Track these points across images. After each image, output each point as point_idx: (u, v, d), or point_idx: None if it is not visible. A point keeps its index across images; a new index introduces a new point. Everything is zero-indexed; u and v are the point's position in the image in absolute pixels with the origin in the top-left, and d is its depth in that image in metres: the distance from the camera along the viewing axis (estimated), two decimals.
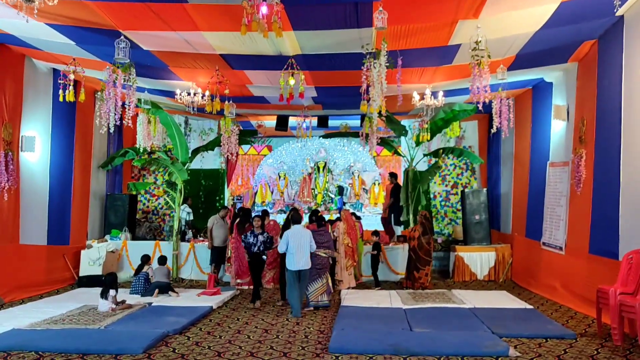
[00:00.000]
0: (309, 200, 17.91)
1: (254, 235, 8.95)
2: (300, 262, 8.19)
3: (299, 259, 8.17)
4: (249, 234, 9.03)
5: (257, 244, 8.88)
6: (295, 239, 8.22)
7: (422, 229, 10.26)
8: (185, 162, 12.20)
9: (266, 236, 9.02)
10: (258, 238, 8.93)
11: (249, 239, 8.94)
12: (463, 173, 14.76)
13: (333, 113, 13.22)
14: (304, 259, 8.23)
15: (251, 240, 8.91)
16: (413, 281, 10.31)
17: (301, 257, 8.19)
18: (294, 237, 8.27)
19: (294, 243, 8.20)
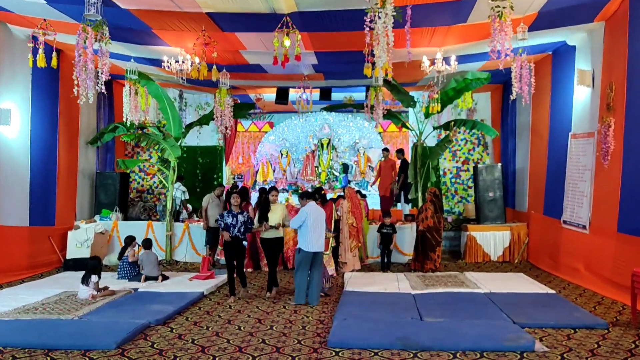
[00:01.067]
0: (313, 178, 17.11)
1: (233, 215, 7.71)
2: (318, 243, 7.34)
3: (316, 239, 7.30)
4: (225, 214, 7.75)
5: (236, 225, 7.63)
6: (313, 217, 7.33)
7: (433, 207, 9.47)
8: (178, 137, 11.42)
9: (246, 216, 7.78)
10: (237, 218, 7.69)
11: (226, 219, 7.65)
12: (475, 148, 13.92)
13: (336, 84, 12.36)
14: (320, 240, 7.41)
15: (229, 220, 7.64)
16: (422, 263, 9.55)
17: (319, 238, 7.35)
18: (312, 214, 7.33)
19: (312, 221, 7.27)
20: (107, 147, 12.82)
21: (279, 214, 7.77)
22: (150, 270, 8.77)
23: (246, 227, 7.73)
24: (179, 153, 11.26)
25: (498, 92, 13.37)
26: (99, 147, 12.36)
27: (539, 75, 10.73)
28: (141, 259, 8.91)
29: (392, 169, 12.86)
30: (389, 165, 12.93)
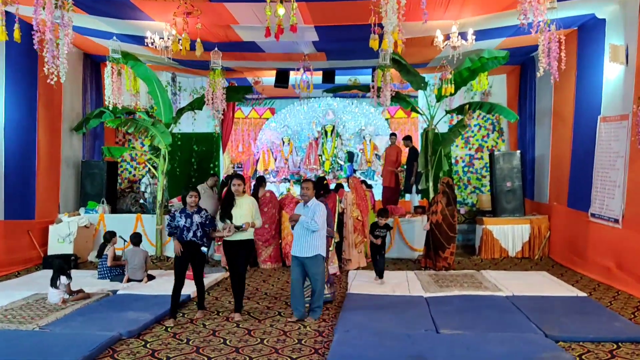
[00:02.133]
0: (316, 167, 16.23)
1: (187, 215, 5.94)
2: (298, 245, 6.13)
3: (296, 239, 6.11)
4: (178, 214, 5.99)
5: (191, 228, 5.91)
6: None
7: (446, 199, 8.57)
8: (169, 123, 10.55)
9: (205, 216, 6.03)
10: (193, 219, 5.92)
11: (178, 221, 5.93)
12: (489, 135, 12.97)
13: (340, 65, 11.42)
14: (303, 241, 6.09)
15: (181, 222, 5.90)
16: (434, 260, 8.67)
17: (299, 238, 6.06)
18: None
19: None
20: (95, 134, 11.96)
21: (245, 209, 6.05)
22: (134, 272, 7.88)
23: (204, 230, 5.99)
24: (170, 140, 10.39)
25: (515, 74, 12.39)
26: (85, 134, 11.49)
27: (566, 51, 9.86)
28: (126, 257, 8.07)
29: (397, 155, 11.96)
30: (394, 152, 12.04)
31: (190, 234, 5.93)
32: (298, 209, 6.14)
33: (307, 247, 5.89)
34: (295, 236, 6.02)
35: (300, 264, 5.95)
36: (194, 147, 13.30)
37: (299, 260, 5.95)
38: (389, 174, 11.93)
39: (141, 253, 8.10)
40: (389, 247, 10.06)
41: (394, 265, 9.62)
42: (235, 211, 6.03)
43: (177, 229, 5.95)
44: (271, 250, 9.39)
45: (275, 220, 9.47)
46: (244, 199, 6.16)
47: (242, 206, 6.09)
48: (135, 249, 8.08)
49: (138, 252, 8.07)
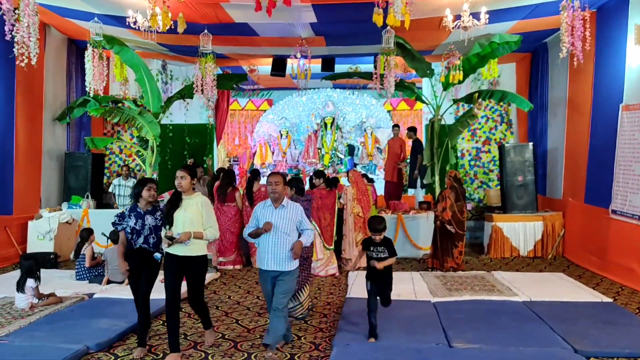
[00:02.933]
0: (315, 161, 15.59)
1: (138, 216, 4.62)
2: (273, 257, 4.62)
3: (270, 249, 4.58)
4: (127, 212, 4.69)
5: (142, 232, 4.61)
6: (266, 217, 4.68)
7: (454, 194, 7.91)
8: (157, 113, 9.89)
9: (159, 218, 4.67)
10: (145, 220, 4.62)
11: (128, 222, 4.63)
12: (497, 126, 12.30)
13: (340, 52, 10.73)
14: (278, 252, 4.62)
15: (132, 223, 4.60)
16: (441, 261, 8.01)
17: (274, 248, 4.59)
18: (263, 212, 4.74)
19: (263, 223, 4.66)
20: (81, 125, 11.28)
21: (192, 213, 4.45)
22: (114, 274, 7.19)
23: (158, 236, 4.62)
24: (159, 131, 9.75)
25: (525, 62, 11.70)
26: (70, 125, 10.83)
27: None
28: (106, 256, 7.42)
29: (401, 148, 11.30)
30: (398, 145, 11.38)
31: (140, 239, 4.59)
32: (263, 210, 4.65)
33: (285, 259, 4.51)
34: (267, 246, 4.53)
35: (272, 279, 4.58)
36: (187, 139, 12.64)
37: (270, 275, 4.58)
38: (392, 168, 11.27)
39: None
40: None
41: (397, 265, 8.96)
42: (178, 214, 4.44)
43: (127, 232, 4.64)
44: None
45: None
46: (192, 198, 4.51)
47: (189, 208, 4.46)
48: (117, 248, 7.43)
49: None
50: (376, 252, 4.95)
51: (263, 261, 4.61)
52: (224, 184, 8.73)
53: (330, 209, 8.14)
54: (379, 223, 4.92)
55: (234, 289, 7.14)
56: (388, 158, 11.46)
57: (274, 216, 4.56)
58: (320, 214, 8.08)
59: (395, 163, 11.26)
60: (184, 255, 4.42)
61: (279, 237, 4.53)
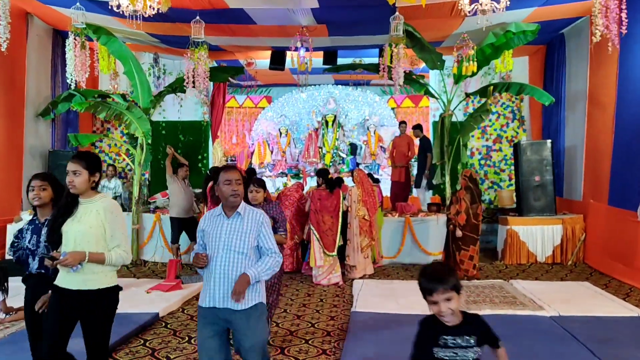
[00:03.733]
0: (316, 160, 14.89)
1: (35, 229, 3.41)
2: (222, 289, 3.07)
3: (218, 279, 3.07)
4: (26, 226, 3.48)
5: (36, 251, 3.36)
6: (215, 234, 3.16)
7: (469, 195, 7.23)
8: (147, 108, 9.22)
9: None
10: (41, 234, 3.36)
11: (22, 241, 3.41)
12: (508, 124, 11.63)
13: (343, 43, 10.05)
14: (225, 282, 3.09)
15: (26, 241, 3.39)
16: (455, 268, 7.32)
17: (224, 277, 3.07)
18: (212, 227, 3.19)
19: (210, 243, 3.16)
20: (67, 121, 10.63)
21: (89, 224, 3.04)
22: None
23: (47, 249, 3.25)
24: (148, 127, 9.06)
25: (539, 55, 11.04)
26: (55, 121, 10.17)
27: None
28: None
29: (409, 147, 10.63)
30: (405, 142, 10.70)
31: (35, 262, 3.34)
32: (211, 222, 3.18)
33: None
34: (212, 272, 3.06)
35: (219, 322, 3.06)
36: (180, 137, 11.95)
37: (218, 316, 3.05)
38: (400, 168, 10.58)
39: None
40: (399, 251, 8.80)
41: (405, 272, 8.31)
42: (70, 227, 3.05)
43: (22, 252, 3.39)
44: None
45: None
46: (92, 202, 3.11)
47: (84, 217, 3.05)
48: None
49: None
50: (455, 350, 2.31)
51: (206, 294, 3.08)
52: None
53: (332, 212, 7.48)
54: (443, 274, 2.35)
55: None
56: (395, 157, 10.76)
57: (225, 230, 3.09)
58: (319, 216, 7.42)
59: (404, 164, 10.59)
60: (75, 289, 2.98)
61: (231, 258, 3.04)
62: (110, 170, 9.55)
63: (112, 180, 9.48)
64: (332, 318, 5.63)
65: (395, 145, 10.83)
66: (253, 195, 3.89)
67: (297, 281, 7.63)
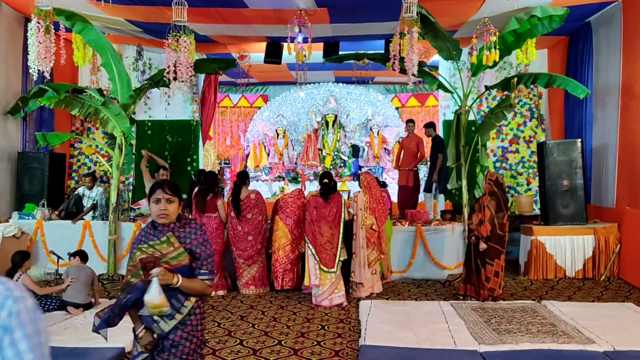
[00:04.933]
0: (315, 163, 13.90)
1: None
2: None
3: None
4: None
5: None
6: None
7: (495, 202, 6.22)
8: (126, 104, 8.21)
9: None
10: None
11: None
12: (526, 122, 10.65)
13: (346, 33, 9.07)
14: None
15: None
16: (477, 286, 6.32)
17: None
18: None
19: None
20: (41, 120, 9.62)
21: None
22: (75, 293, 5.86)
23: None
24: (128, 125, 8.07)
25: (560, 48, 10.08)
26: (26, 120, 9.17)
27: (634, 13, 7.58)
28: (67, 274, 5.93)
29: (418, 147, 9.66)
30: (414, 143, 9.71)
31: None
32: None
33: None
34: None
35: None
36: (168, 137, 10.95)
37: None
38: (408, 171, 9.58)
39: (86, 270, 6.09)
40: (409, 265, 7.81)
41: (417, 289, 7.32)
42: None
43: None
44: (256, 270, 7.07)
45: (262, 230, 7.14)
46: None
47: None
48: (80, 267, 6.11)
49: (82, 269, 6.06)
50: None
51: None
52: (204, 189, 7.05)
53: (331, 221, 6.48)
54: None
55: (219, 319, 5.45)
56: (403, 160, 9.76)
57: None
58: (315, 227, 6.43)
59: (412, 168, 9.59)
60: None
61: None
62: (88, 181, 8.43)
63: (94, 190, 8.41)
64: (337, 354, 4.61)
65: (402, 146, 9.83)
66: (159, 208, 2.65)
67: (294, 301, 6.61)
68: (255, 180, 13.57)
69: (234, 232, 7.05)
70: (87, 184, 8.21)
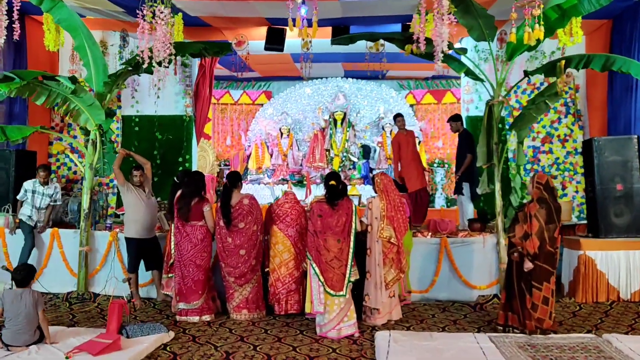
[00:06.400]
0: (322, 165, 12.75)
1: None
2: None
3: None
4: None
5: None
6: None
7: (545, 211, 5.00)
8: (102, 93, 7.07)
9: None
10: None
11: None
12: (561, 119, 9.42)
13: (358, 13, 7.91)
14: None
15: None
16: (522, 315, 5.07)
17: None
18: None
19: None
20: (11, 114, 8.53)
21: None
22: (17, 334, 4.50)
23: None
24: (102, 117, 6.92)
25: (602, 33, 8.85)
26: None
27: None
28: (1, 303, 4.62)
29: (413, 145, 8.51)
30: (411, 140, 8.54)
31: None
32: None
33: None
34: None
35: None
36: (157, 135, 9.80)
37: None
38: (417, 174, 8.36)
39: (28, 299, 4.61)
40: (432, 283, 6.60)
41: (442, 313, 6.10)
42: None
43: None
44: (249, 290, 5.86)
45: (257, 242, 5.91)
46: None
47: None
48: (18, 292, 4.63)
49: (24, 297, 4.59)
50: None
51: None
52: (188, 193, 5.87)
53: (339, 233, 5.28)
54: None
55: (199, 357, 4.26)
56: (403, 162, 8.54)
57: None
58: (319, 241, 5.23)
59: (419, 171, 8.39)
60: None
61: None
62: (43, 175, 7.02)
63: (50, 186, 7.08)
64: None
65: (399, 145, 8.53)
66: None
67: (295, 330, 5.41)
68: (257, 183, 12.46)
69: (224, 245, 5.85)
70: (41, 178, 6.91)
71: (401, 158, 8.54)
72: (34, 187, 6.87)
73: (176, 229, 5.91)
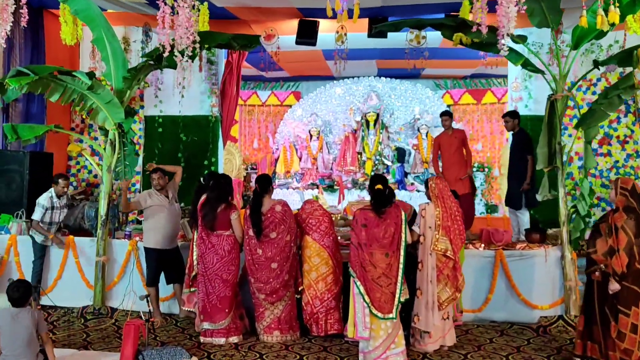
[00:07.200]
0: (354, 169, 12.06)
1: None
2: None
3: None
4: None
5: None
6: None
7: (634, 221, 4.22)
8: (120, 89, 6.50)
9: None
10: None
11: None
12: (620, 119, 8.57)
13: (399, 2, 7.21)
14: None
15: None
16: (604, 345, 4.29)
17: None
18: None
19: None
20: (28, 114, 8.04)
21: None
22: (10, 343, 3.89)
23: None
24: (122, 116, 6.34)
25: None
26: (9, 111, 7.61)
27: None
28: None
29: (462, 144, 7.76)
30: (458, 141, 7.78)
31: None
32: None
33: None
34: None
35: None
36: (182, 136, 9.23)
37: None
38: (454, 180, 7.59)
39: (27, 319, 3.97)
40: (486, 301, 5.86)
41: (501, 337, 5.36)
42: None
43: None
44: (281, 309, 5.18)
45: (291, 254, 5.24)
46: None
47: None
48: (15, 313, 3.99)
49: (22, 318, 3.96)
50: None
51: None
52: (213, 198, 5.23)
53: (387, 245, 4.56)
54: None
55: None
56: (444, 165, 7.83)
57: None
58: (364, 255, 4.52)
59: (463, 175, 7.64)
60: None
61: None
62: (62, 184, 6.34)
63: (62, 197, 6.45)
64: None
65: (441, 146, 7.84)
66: None
67: (335, 356, 4.72)
68: (286, 187, 11.85)
69: (253, 258, 5.19)
70: (60, 189, 6.26)
71: (443, 160, 7.84)
72: (52, 202, 6.20)
73: (200, 239, 5.28)
